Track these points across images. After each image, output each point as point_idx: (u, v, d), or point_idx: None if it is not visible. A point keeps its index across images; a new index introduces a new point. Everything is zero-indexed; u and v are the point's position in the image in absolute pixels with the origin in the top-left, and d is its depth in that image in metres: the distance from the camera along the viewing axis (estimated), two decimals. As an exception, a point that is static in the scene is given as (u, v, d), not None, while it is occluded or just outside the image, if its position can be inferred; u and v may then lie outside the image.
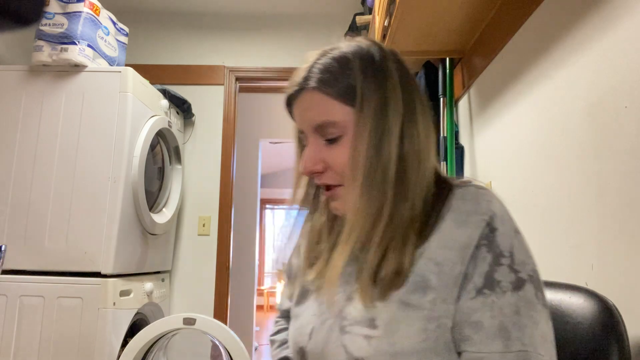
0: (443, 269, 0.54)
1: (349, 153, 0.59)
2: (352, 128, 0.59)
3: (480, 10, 1.36)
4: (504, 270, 0.52)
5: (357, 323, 0.56)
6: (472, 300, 0.52)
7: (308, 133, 0.64)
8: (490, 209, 0.54)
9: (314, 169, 0.62)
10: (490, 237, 0.53)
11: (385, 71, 0.60)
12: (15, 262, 1.76)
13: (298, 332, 0.64)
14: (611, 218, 0.82)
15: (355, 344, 0.55)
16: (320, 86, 0.61)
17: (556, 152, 1.02)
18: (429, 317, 0.52)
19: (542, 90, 1.09)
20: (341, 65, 0.61)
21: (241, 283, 3.77)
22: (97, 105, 1.89)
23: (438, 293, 0.53)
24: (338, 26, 2.74)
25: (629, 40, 0.78)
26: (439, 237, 0.55)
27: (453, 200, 0.57)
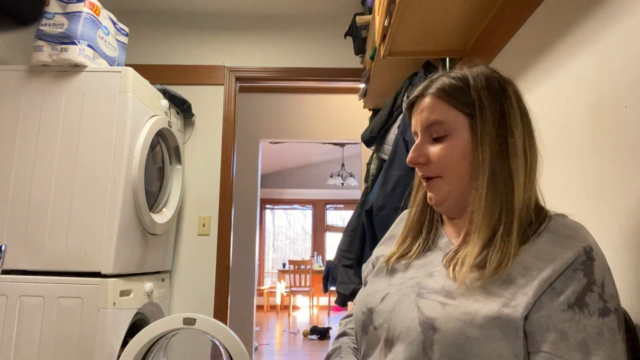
0: (531, 272, 0.60)
1: (460, 152, 0.69)
2: (462, 132, 0.70)
3: (480, 10, 1.36)
4: (594, 297, 0.57)
5: (435, 292, 0.64)
6: (563, 312, 0.57)
7: (419, 132, 0.74)
8: (588, 239, 0.61)
9: (418, 160, 0.73)
10: (588, 265, 0.59)
11: (504, 91, 0.71)
12: (15, 262, 1.76)
13: (370, 296, 0.73)
14: (611, 218, 0.82)
15: (429, 306, 0.62)
16: (436, 92, 0.72)
17: (556, 152, 1.02)
18: (506, 303, 0.59)
19: (542, 91, 1.09)
20: (460, 80, 0.72)
21: (241, 283, 3.77)
22: (97, 105, 1.89)
23: (520, 288, 0.59)
24: (338, 26, 2.74)
25: (629, 40, 0.78)
26: (532, 249, 0.62)
27: (552, 223, 0.65)
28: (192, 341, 2.03)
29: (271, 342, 5.05)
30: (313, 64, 2.73)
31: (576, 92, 0.95)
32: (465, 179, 0.70)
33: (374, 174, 1.96)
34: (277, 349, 4.77)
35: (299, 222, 8.69)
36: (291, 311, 7.33)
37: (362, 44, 2.30)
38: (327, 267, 5.60)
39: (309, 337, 5.30)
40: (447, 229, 0.77)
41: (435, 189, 0.73)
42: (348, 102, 3.98)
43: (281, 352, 4.63)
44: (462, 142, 0.70)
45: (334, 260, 2.12)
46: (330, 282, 5.52)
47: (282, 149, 6.54)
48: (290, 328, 6.02)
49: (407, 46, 1.55)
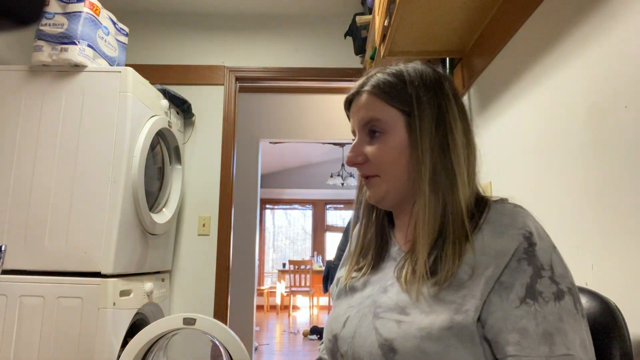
0: (476, 271, 0.59)
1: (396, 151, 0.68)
2: (399, 129, 0.69)
3: (480, 10, 1.36)
4: (545, 282, 0.57)
5: (390, 310, 0.63)
6: (517, 309, 0.56)
7: (357, 130, 0.73)
8: (527, 224, 0.60)
9: (356, 160, 0.72)
10: (530, 252, 0.58)
11: (441, 87, 0.70)
12: (15, 262, 1.76)
13: (334, 321, 0.72)
14: (611, 218, 0.82)
15: (386, 326, 0.62)
16: (372, 89, 0.71)
17: (556, 152, 1.02)
18: (457, 310, 0.58)
19: (542, 90, 1.09)
20: (396, 76, 0.71)
21: (241, 283, 3.77)
22: (97, 105, 1.89)
23: (468, 290, 0.59)
24: (338, 26, 2.74)
25: (628, 40, 0.78)
26: (476, 245, 0.61)
27: (490, 213, 0.63)
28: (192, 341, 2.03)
29: (271, 342, 5.05)
30: (313, 64, 2.73)
31: (576, 92, 0.95)
32: (403, 177, 0.69)
33: (374, 174, 1.96)
34: (277, 349, 4.77)
35: (299, 222, 8.69)
36: (291, 311, 7.33)
37: (362, 44, 2.30)
38: (327, 267, 5.59)
39: (309, 337, 5.30)
40: (396, 233, 0.76)
41: (373, 188, 0.71)
42: (348, 102, 3.97)
43: (281, 352, 4.63)
44: (398, 139, 0.68)
45: (334, 260, 2.12)
46: (330, 282, 5.51)
47: (282, 149, 6.53)
48: (290, 328, 6.02)
49: (407, 46, 1.55)
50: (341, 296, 0.75)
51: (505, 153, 1.31)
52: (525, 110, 1.19)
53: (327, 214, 8.63)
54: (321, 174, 8.00)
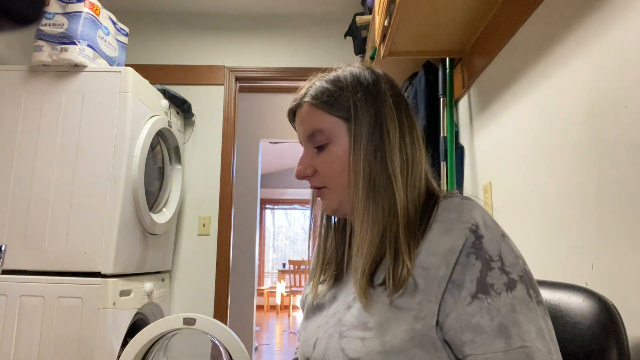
0: (429, 273, 0.58)
1: (341, 160, 0.67)
2: (341, 137, 0.67)
3: (480, 10, 1.36)
4: (495, 274, 0.55)
5: (354, 327, 0.61)
6: (469, 306, 0.55)
7: (303, 143, 0.72)
8: (473, 216, 0.58)
9: (305, 173, 0.71)
10: (478, 245, 0.57)
11: (378, 89, 0.68)
12: (15, 262, 1.76)
13: (304, 344, 0.70)
14: (611, 218, 0.82)
15: (351, 346, 0.59)
16: (312, 101, 0.70)
17: (556, 152, 1.02)
18: (416, 317, 0.56)
19: (542, 90, 1.09)
20: (333, 83, 0.69)
21: (241, 283, 3.77)
22: (97, 105, 1.89)
23: (424, 295, 0.57)
24: (338, 26, 2.74)
25: (629, 40, 0.78)
26: (426, 246, 0.60)
27: (439, 211, 0.61)
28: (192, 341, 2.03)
29: (271, 342, 5.05)
30: (313, 64, 2.73)
31: (576, 92, 0.95)
32: None
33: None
34: (277, 349, 4.77)
35: (299, 222, 8.69)
36: (291, 311, 7.33)
37: (362, 44, 2.30)
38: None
39: (309, 337, 5.29)
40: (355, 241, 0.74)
41: (325, 199, 0.70)
42: (348, 102, 3.98)
43: (281, 352, 4.63)
44: (342, 148, 0.67)
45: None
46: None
47: (282, 149, 6.53)
48: (290, 328, 6.02)
49: (407, 46, 1.55)
50: (309, 315, 0.73)
51: (505, 153, 1.31)
52: (525, 110, 1.19)
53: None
54: (321, 174, 7.98)
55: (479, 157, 1.53)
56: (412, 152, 0.67)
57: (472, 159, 1.59)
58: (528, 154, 1.16)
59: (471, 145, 1.60)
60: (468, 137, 1.63)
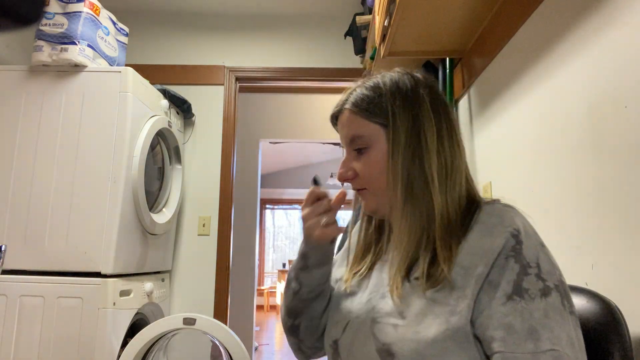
0: (468, 271, 0.60)
1: (380, 164, 0.70)
2: (381, 143, 0.70)
3: (480, 10, 1.36)
4: (531, 279, 0.57)
5: (388, 315, 0.64)
6: (503, 306, 0.57)
7: (344, 146, 0.76)
8: (515, 222, 0.61)
9: (346, 176, 0.74)
10: (518, 249, 0.59)
11: (416, 94, 0.70)
12: (15, 262, 1.76)
13: (334, 327, 0.73)
14: (611, 218, 0.82)
15: (383, 331, 0.63)
16: (352, 107, 0.73)
17: (556, 152, 1.02)
18: (452, 311, 0.59)
19: (542, 90, 1.09)
20: (373, 90, 0.72)
21: (241, 283, 3.77)
22: (97, 105, 1.89)
23: (461, 291, 0.60)
24: (338, 26, 2.74)
25: (628, 40, 0.78)
26: (466, 246, 0.62)
27: (480, 215, 0.64)
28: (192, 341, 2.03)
29: (271, 342, 5.05)
30: (313, 64, 2.73)
31: (576, 92, 0.95)
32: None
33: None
34: (277, 349, 4.77)
35: (299, 222, 8.68)
36: (291, 311, 7.32)
37: (362, 44, 2.30)
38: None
39: (309, 337, 5.29)
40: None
41: (366, 200, 0.74)
42: (348, 102, 3.98)
43: (281, 352, 4.63)
44: (381, 153, 0.70)
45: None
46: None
47: (282, 149, 6.53)
48: (290, 328, 6.00)
49: (407, 46, 1.55)
50: (341, 300, 0.76)
51: (506, 153, 1.31)
52: (525, 110, 1.19)
53: (327, 214, 8.61)
54: (321, 174, 8.00)
55: (479, 156, 1.53)
56: (452, 156, 0.69)
57: (472, 159, 1.59)
58: (528, 154, 1.16)
59: (471, 145, 1.60)
60: (468, 137, 1.63)
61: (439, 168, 0.67)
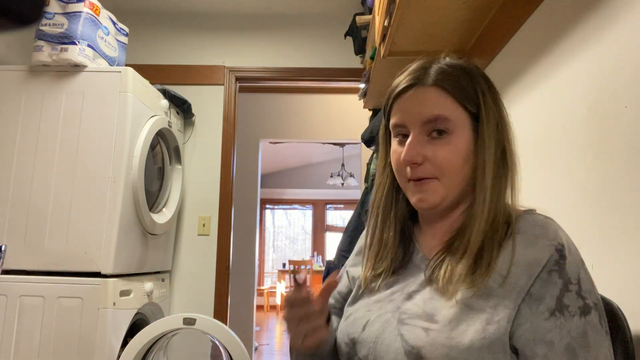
0: (507, 280, 0.58)
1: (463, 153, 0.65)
2: (465, 130, 0.65)
3: (480, 10, 1.36)
4: (572, 296, 0.56)
5: (417, 317, 0.61)
6: (546, 321, 0.56)
7: (412, 127, 0.66)
8: (559, 236, 0.60)
9: (416, 159, 0.65)
10: (562, 264, 0.57)
11: (497, 93, 0.69)
12: (15, 262, 1.76)
13: (351, 325, 0.69)
14: (611, 218, 0.82)
15: (413, 333, 0.60)
16: (440, 83, 0.65)
17: (556, 152, 1.02)
18: (489, 320, 0.57)
19: (542, 90, 1.09)
20: (460, 71, 0.66)
21: (241, 283, 3.77)
22: (97, 105, 1.89)
23: (500, 300, 0.58)
24: (338, 26, 2.74)
25: (629, 40, 0.78)
26: (506, 254, 0.60)
27: (522, 224, 0.62)
28: (192, 341, 2.03)
29: (271, 342, 5.05)
30: (313, 64, 2.73)
31: (576, 92, 0.95)
32: (464, 182, 0.65)
33: (373, 174, 1.96)
34: (277, 349, 4.77)
35: (299, 222, 8.69)
36: (291, 311, 7.32)
37: (362, 44, 2.30)
38: (327, 267, 5.60)
39: (309, 337, 5.29)
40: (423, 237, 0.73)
41: (429, 191, 0.66)
42: (348, 102, 3.98)
43: (281, 352, 4.63)
44: (465, 143, 0.64)
45: (334, 260, 2.12)
46: (330, 282, 5.51)
47: (282, 149, 6.53)
48: (290, 328, 6.01)
49: (407, 46, 1.55)
50: (357, 298, 0.73)
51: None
52: (525, 110, 1.19)
53: (327, 214, 8.63)
54: (321, 174, 8.00)
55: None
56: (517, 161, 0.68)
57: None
58: (528, 154, 1.16)
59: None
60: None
61: (515, 171, 0.66)
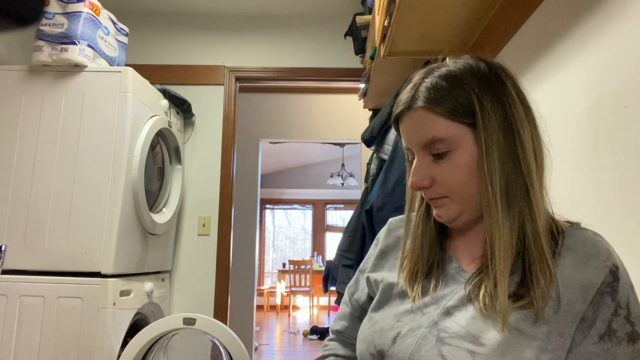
0: (560, 304, 0.55)
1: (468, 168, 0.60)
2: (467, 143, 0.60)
3: (480, 11, 1.36)
4: (620, 321, 0.54)
5: (460, 337, 0.57)
6: (594, 345, 0.53)
7: (415, 150, 0.64)
8: (612, 256, 0.57)
9: (422, 184, 0.63)
10: (615, 287, 0.55)
11: (501, 83, 0.61)
12: (15, 262, 1.76)
13: (378, 335, 0.64)
14: (611, 218, 0.82)
15: (456, 356, 0.55)
16: (427, 104, 0.61)
17: (556, 152, 1.02)
18: (543, 348, 0.53)
19: (542, 91, 1.09)
20: (450, 82, 0.61)
21: (241, 283, 3.77)
22: (97, 105, 1.89)
23: (554, 327, 0.54)
24: (338, 26, 2.74)
25: (629, 40, 0.78)
26: (558, 275, 0.56)
27: (571, 241, 0.59)
28: (192, 341, 2.03)
29: (271, 342, 5.05)
30: (313, 64, 2.73)
31: (576, 92, 0.95)
32: (476, 195, 0.61)
33: (374, 174, 1.96)
34: (277, 349, 4.77)
35: (299, 222, 8.69)
36: (291, 311, 7.33)
37: (362, 44, 2.30)
38: (327, 267, 5.60)
39: (309, 337, 5.30)
40: (455, 247, 0.68)
41: (444, 208, 0.64)
42: (348, 102, 3.99)
43: (281, 352, 4.63)
44: (468, 156, 0.60)
45: (334, 260, 2.12)
46: (330, 282, 5.52)
47: (282, 149, 6.54)
48: (290, 328, 6.02)
49: (407, 46, 1.55)
50: (383, 303, 0.68)
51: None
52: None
53: (327, 214, 8.63)
54: (321, 174, 8.00)
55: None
56: (541, 153, 0.61)
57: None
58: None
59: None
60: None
61: (536, 171, 0.60)
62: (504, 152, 0.59)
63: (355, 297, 0.80)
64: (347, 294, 0.83)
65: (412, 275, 0.67)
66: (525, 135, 0.60)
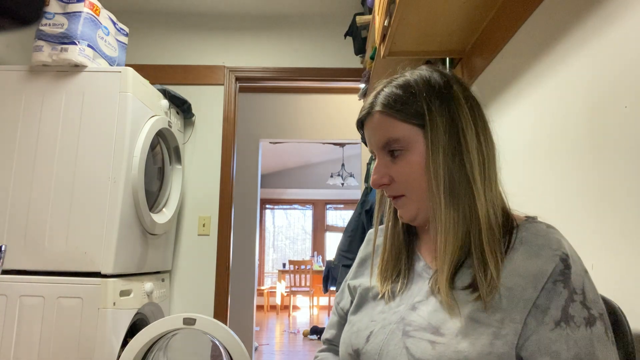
0: (513, 292, 0.58)
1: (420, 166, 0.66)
2: (418, 144, 0.67)
3: (480, 10, 1.36)
4: (577, 307, 0.56)
5: (422, 329, 0.61)
6: (551, 332, 0.56)
7: (376, 151, 0.71)
8: (563, 245, 0.60)
9: (381, 181, 0.70)
10: (567, 274, 0.57)
11: (450, 91, 0.68)
12: (15, 262, 1.76)
13: (355, 336, 0.69)
14: (611, 218, 0.82)
15: (419, 347, 0.59)
16: (383, 109, 0.68)
17: (556, 152, 1.02)
18: (497, 333, 0.57)
19: (542, 90, 1.09)
20: (404, 89, 0.68)
21: (241, 283, 3.77)
22: (97, 105, 1.89)
23: (507, 313, 0.58)
24: (338, 26, 2.74)
25: (628, 40, 0.78)
26: (510, 266, 0.60)
27: (523, 233, 0.62)
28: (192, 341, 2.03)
29: (271, 342, 5.05)
30: (313, 64, 2.73)
31: (576, 92, 0.95)
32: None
33: (374, 174, 1.96)
34: (277, 349, 4.77)
35: (299, 222, 8.69)
36: (291, 311, 7.33)
37: (362, 44, 2.30)
38: (327, 267, 5.60)
39: (309, 337, 5.30)
40: (422, 247, 0.74)
41: (403, 208, 0.70)
42: (348, 102, 3.99)
43: (281, 352, 4.63)
44: (420, 155, 0.66)
45: (334, 260, 2.12)
46: (330, 282, 5.51)
47: (282, 149, 6.54)
48: (290, 328, 6.02)
49: (407, 46, 1.55)
50: (361, 309, 0.73)
51: (505, 153, 1.31)
52: (525, 110, 1.19)
53: (327, 214, 8.63)
54: (321, 174, 8.00)
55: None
56: (489, 154, 0.67)
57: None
58: (527, 154, 1.16)
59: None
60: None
61: (479, 165, 0.65)
62: (448, 150, 0.65)
63: (341, 305, 0.84)
64: (335, 302, 0.88)
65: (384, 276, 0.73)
66: (470, 134, 0.66)
